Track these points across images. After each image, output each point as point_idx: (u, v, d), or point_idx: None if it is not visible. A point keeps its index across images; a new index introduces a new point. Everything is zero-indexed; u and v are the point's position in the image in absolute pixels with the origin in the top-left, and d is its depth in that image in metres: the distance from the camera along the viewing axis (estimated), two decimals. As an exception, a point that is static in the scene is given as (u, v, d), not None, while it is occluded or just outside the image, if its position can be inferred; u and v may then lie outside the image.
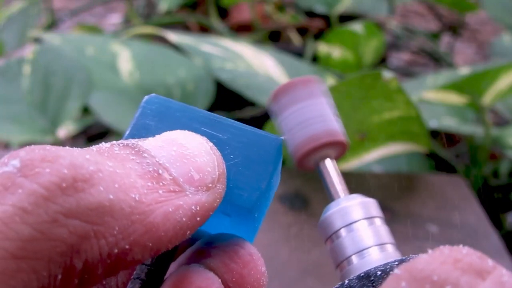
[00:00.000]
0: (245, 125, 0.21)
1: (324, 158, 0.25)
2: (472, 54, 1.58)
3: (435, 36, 1.33)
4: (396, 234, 0.23)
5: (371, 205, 0.24)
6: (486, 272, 0.15)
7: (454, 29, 1.35)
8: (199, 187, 0.18)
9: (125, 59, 0.81)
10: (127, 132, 0.20)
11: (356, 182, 0.64)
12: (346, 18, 1.17)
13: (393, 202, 0.60)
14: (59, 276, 0.15)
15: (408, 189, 0.63)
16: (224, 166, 0.19)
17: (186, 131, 0.19)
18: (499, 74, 0.66)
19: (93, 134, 0.99)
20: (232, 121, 0.21)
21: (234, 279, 0.20)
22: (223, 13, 1.24)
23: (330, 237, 0.24)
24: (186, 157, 0.18)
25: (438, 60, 1.23)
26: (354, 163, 0.66)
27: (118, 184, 0.16)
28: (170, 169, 0.17)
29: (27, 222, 0.14)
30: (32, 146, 0.16)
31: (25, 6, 1.19)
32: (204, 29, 1.17)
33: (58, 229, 0.15)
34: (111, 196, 0.15)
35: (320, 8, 1.18)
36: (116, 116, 0.74)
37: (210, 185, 0.18)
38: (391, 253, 0.23)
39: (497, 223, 0.76)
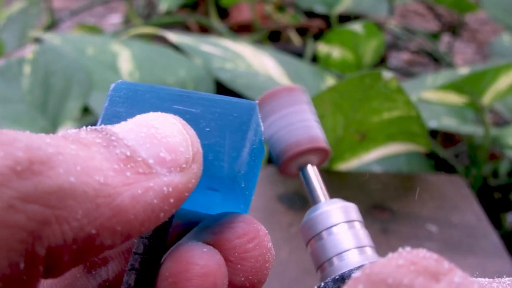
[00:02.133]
0: (217, 95, 0.21)
1: (306, 164, 0.26)
2: (471, 54, 1.58)
3: (434, 36, 1.33)
4: (395, 234, 0.23)
5: (351, 209, 0.24)
6: (442, 274, 0.15)
7: (454, 29, 1.35)
8: (172, 168, 0.17)
9: (125, 59, 0.81)
10: (98, 123, 0.20)
11: (356, 182, 0.64)
12: (346, 18, 1.17)
13: (392, 202, 0.60)
14: (22, 265, 0.14)
15: (408, 189, 0.63)
16: (199, 145, 0.18)
17: (158, 113, 0.18)
18: (499, 74, 0.66)
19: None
20: (203, 93, 0.20)
21: (237, 254, 0.20)
22: (223, 13, 1.24)
23: (311, 240, 0.24)
24: (157, 138, 0.17)
25: (437, 60, 1.23)
26: (354, 163, 0.66)
27: (80, 166, 0.15)
28: (140, 151, 0.17)
29: None
30: None
31: (25, 6, 1.19)
32: (204, 29, 1.17)
33: (15, 215, 0.14)
34: (72, 179, 0.15)
35: (320, 8, 1.18)
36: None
37: (184, 165, 0.17)
38: (369, 255, 0.23)
39: (497, 223, 0.76)
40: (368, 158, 0.66)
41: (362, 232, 0.24)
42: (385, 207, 0.59)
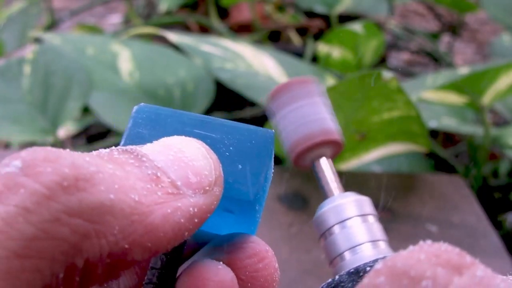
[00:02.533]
0: (235, 122, 0.22)
1: (319, 156, 0.25)
2: (471, 54, 1.58)
3: (434, 36, 1.33)
4: (395, 233, 0.23)
5: (364, 202, 0.24)
6: (464, 267, 0.15)
7: (454, 29, 1.35)
8: (197, 190, 0.18)
9: (125, 59, 0.81)
10: (122, 143, 0.21)
11: (356, 182, 0.64)
12: (346, 18, 1.17)
13: (393, 202, 0.60)
14: (61, 275, 0.15)
15: (408, 189, 0.63)
16: (221, 169, 0.20)
17: (183, 137, 0.20)
18: (499, 74, 0.66)
19: (93, 134, 0.99)
20: (222, 120, 0.22)
21: (247, 273, 0.20)
22: (223, 13, 1.24)
23: (324, 233, 0.24)
24: (184, 161, 0.18)
25: (437, 60, 1.23)
26: (354, 163, 0.66)
27: (118, 185, 0.16)
28: (169, 172, 0.18)
29: (30, 221, 0.14)
30: (34, 147, 0.16)
31: (25, 6, 1.19)
32: (204, 29, 1.17)
33: (60, 227, 0.15)
34: (112, 196, 0.16)
35: (320, 8, 1.18)
36: (116, 116, 0.74)
37: (207, 187, 0.18)
38: (383, 249, 0.23)
39: (497, 223, 0.76)
40: (368, 158, 0.66)
41: (375, 226, 0.24)
42: (385, 207, 0.59)
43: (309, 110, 0.25)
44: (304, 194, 0.60)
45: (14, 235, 0.14)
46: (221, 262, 0.20)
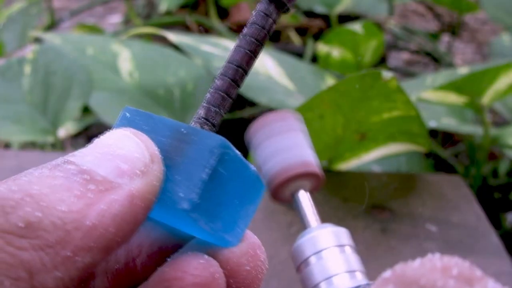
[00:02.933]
0: (180, 123, 0.21)
1: (298, 189, 0.25)
2: (471, 54, 1.58)
3: (434, 36, 1.33)
4: (395, 234, 0.23)
5: (342, 233, 0.24)
6: (475, 280, 0.16)
7: (454, 29, 1.35)
8: (132, 175, 0.19)
9: (125, 59, 0.81)
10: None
11: (356, 182, 0.64)
12: (346, 18, 1.18)
13: (392, 202, 0.60)
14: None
15: (408, 189, 0.64)
16: (154, 147, 0.20)
17: (111, 131, 0.20)
18: (499, 74, 0.66)
19: (93, 134, 0.99)
20: (169, 119, 0.21)
21: (229, 267, 0.20)
22: (223, 13, 1.24)
23: (301, 265, 0.24)
24: (111, 153, 0.19)
25: (437, 60, 1.23)
26: (353, 163, 0.66)
27: (45, 202, 0.17)
28: (97, 170, 0.18)
29: None
30: None
31: (25, 6, 1.19)
32: (205, 30, 1.17)
33: None
34: (39, 214, 0.17)
35: (319, 8, 1.18)
36: (116, 116, 0.74)
37: (143, 168, 0.19)
38: (360, 280, 0.23)
39: (496, 222, 0.76)
40: (368, 158, 0.66)
41: (353, 257, 0.23)
42: (385, 207, 0.59)
43: (288, 144, 0.25)
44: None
45: None
46: (206, 256, 0.20)
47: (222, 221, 0.20)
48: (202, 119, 0.22)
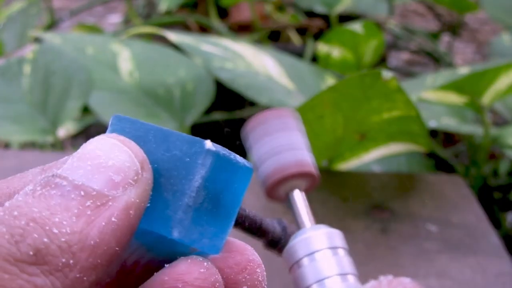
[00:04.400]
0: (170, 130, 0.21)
1: (293, 189, 0.25)
2: (471, 54, 1.58)
3: (434, 36, 1.33)
4: (395, 234, 0.23)
5: (335, 235, 0.24)
6: None
7: (454, 29, 1.35)
8: (126, 185, 0.19)
9: (125, 59, 0.81)
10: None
11: (356, 182, 0.64)
12: (346, 18, 1.17)
13: (392, 202, 0.60)
14: None
15: (408, 189, 0.63)
16: (143, 154, 0.20)
17: (96, 138, 0.20)
18: (499, 74, 0.66)
19: (93, 134, 0.99)
20: (158, 126, 0.21)
21: (228, 270, 0.20)
22: (223, 13, 1.24)
23: (293, 266, 0.23)
24: (102, 165, 0.19)
25: (437, 60, 1.23)
26: (353, 163, 0.66)
27: (48, 226, 0.17)
28: (91, 185, 0.18)
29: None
30: None
31: (25, 6, 1.19)
32: (204, 29, 1.17)
33: (3, 275, 0.16)
34: (46, 240, 0.17)
35: (319, 8, 1.18)
36: (116, 116, 0.74)
37: (135, 177, 0.19)
38: (352, 283, 0.22)
39: (497, 222, 0.76)
40: (368, 158, 0.66)
41: (345, 259, 0.23)
42: (385, 207, 0.59)
43: (283, 143, 0.25)
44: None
45: None
46: (205, 263, 0.20)
47: (207, 230, 0.20)
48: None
